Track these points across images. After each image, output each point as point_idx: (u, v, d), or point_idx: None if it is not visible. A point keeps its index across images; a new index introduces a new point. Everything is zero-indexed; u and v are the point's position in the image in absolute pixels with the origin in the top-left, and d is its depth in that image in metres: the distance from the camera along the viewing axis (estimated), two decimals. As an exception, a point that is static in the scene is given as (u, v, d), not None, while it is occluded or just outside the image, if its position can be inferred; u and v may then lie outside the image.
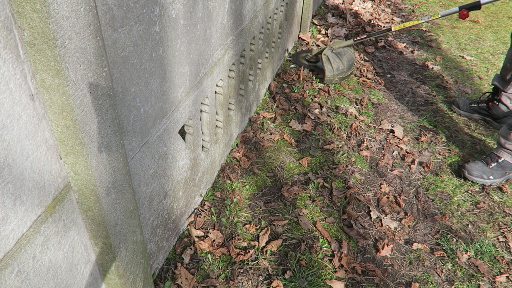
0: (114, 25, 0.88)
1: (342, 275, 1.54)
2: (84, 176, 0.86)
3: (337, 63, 2.60)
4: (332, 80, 2.64)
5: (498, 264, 1.63)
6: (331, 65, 2.59)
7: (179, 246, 1.57)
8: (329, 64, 2.60)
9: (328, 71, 2.60)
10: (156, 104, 1.17)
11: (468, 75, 2.97)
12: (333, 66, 2.59)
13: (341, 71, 2.62)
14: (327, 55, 2.61)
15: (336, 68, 2.59)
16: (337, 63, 2.60)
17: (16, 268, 0.78)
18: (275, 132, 2.26)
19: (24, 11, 0.64)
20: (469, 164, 2.00)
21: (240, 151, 2.06)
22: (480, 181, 1.96)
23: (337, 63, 2.60)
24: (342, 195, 1.88)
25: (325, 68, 2.59)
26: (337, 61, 2.60)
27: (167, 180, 1.37)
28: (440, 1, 4.38)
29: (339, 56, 2.63)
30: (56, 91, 0.73)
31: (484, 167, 1.98)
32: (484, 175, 1.96)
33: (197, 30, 1.33)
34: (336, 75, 2.61)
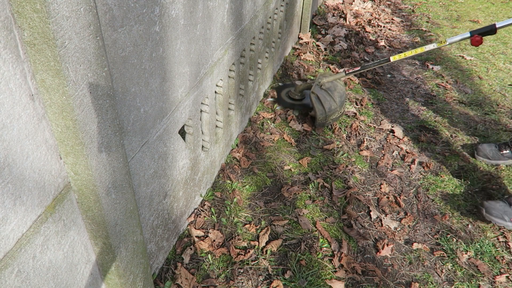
0: (114, 25, 0.88)
1: (342, 275, 1.54)
2: (84, 176, 0.86)
3: (329, 101, 2.22)
4: (324, 123, 2.27)
5: (498, 264, 1.63)
6: (322, 106, 2.21)
7: (179, 246, 1.57)
8: (320, 104, 2.21)
9: (320, 113, 2.21)
10: (156, 104, 1.17)
11: (468, 75, 2.97)
12: (325, 106, 2.20)
13: (333, 111, 2.25)
14: (316, 93, 2.23)
15: (328, 109, 2.20)
16: (329, 101, 2.22)
17: (16, 268, 0.78)
18: (275, 132, 2.26)
19: (24, 11, 0.64)
20: (489, 202, 1.77)
21: (240, 151, 2.06)
22: (499, 223, 1.74)
23: (329, 101, 2.22)
24: (342, 195, 1.88)
25: (316, 110, 2.20)
26: (328, 100, 2.23)
27: (167, 180, 1.37)
28: (440, 1, 4.38)
29: (329, 93, 2.25)
30: (56, 91, 0.73)
31: (506, 207, 1.75)
32: (505, 216, 1.73)
33: (197, 30, 1.33)
34: (328, 116, 2.23)
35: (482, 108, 2.61)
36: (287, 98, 2.49)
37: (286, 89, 2.60)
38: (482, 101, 2.67)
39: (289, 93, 2.52)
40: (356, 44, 3.32)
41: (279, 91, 2.58)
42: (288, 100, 2.49)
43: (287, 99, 2.49)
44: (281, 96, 2.52)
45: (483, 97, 2.71)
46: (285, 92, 2.56)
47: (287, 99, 2.49)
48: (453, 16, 4.02)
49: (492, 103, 2.65)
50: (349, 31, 3.47)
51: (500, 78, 2.94)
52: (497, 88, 2.81)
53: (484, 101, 2.67)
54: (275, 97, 2.54)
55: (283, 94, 2.54)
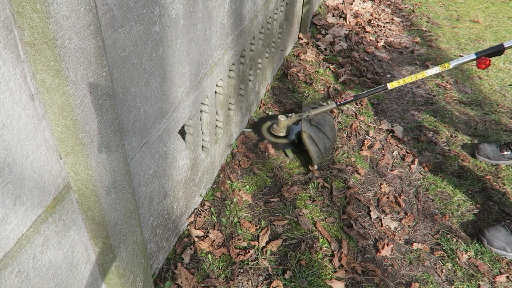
0: (114, 25, 0.88)
1: (342, 275, 1.54)
2: (84, 176, 0.86)
3: (322, 139, 1.97)
4: (322, 165, 1.98)
5: (498, 264, 1.63)
6: (317, 146, 1.93)
7: (179, 246, 1.57)
8: (314, 145, 1.93)
9: (316, 156, 1.91)
10: (156, 104, 1.17)
11: (468, 75, 2.97)
12: (319, 146, 1.93)
13: (329, 149, 2.00)
14: (308, 132, 1.95)
15: (323, 148, 1.95)
16: (322, 139, 1.97)
17: (16, 268, 0.78)
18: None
19: (24, 11, 0.64)
20: (490, 232, 1.67)
21: (240, 151, 2.06)
22: (502, 254, 1.64)
23: (322, 139, 1.97)
24: (342, 195, 1.88)
25: (312, 153, 1.90)
26: (321, 137, 1.98)
27: (167, 180, 1.37)
28: (440, 1, 4.38)
29: (320, 128, 2.02)
30: (56, 91, 0.73)
31: (508, 236, 1.65)
32: (508, 247, 1.63)
33: (197, 30, 1.33)
34: (325, 156, 1.96)
35: (482, 108, 2.61)
36: (270, 135, 2.17)
37: (268, 123, 2.25)
38: (482, 101, 2.67)
39: (272, 128, 2.18)
40: (356, 44, 3.32)
41: (259, 126, 2.23)
42: (271, 138, 2.15)
43: (270, 137, 2.16)
44: (262, 133, 2.18)
45: (483, 97, 2.71)
46: (267, 128, 2.21)
47: (270, 137, 2.16)
48: (453, 16, 4.02)
49: (492, 103, 2.65)
50: (349, 31, 3.47)
51: (500, 78, 2.94)
52: (497, 88, 2.81)
53: (484, 101, 2.67)
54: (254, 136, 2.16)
55: (264, 130, 2.20)
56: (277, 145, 2.12)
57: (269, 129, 2.20)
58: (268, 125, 2.24)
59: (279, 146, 2.11)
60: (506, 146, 2.08)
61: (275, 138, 2.16)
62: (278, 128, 2.15)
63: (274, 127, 2.17)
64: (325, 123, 2.09)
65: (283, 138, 2.17)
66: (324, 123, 2.09)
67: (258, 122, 2.27)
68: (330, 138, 2.03)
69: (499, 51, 1.62)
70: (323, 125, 2.06)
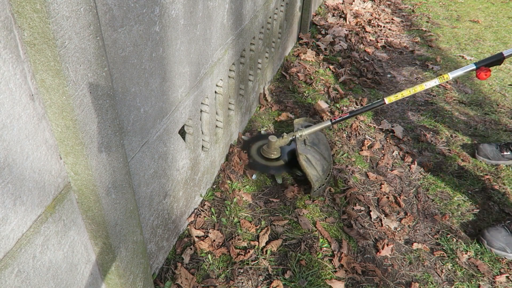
0: (114, 25, 0.88)
1: (342, 275, 1.54)
2: (84, 176, 0.86)
3: (320, 161, 1.83)
4: (322, 189, 1.84)
5: (498, 264, 1.63)
6: (315, 169, 1.78)
7: (179, 246, 1.57)
8: (313, 168, 1.78)
9: (316, 180, 1.76)
10: (156, 104, 1.17)
11: (468, 75, 2.97)
12: (317, 168, 1.79)
13: (326, 170, 1.85)
14: (304, 154, 1.80)
15: (322, 170, 1.80)
16: (320, 161, 1.83)
17: (16, 268, 0.78)
18: (275, 132, 2.26)
19: (24, 11, 0.64)
20: (490, 232, 1.67)
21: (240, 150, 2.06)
22: (502, 254, 1.64)
23: (320, 161, 1.83)
24: (342, 195, 1.88)
25: (311, 177, 1.75)
26: (319, 158, 1.83)
27: (167, 180, 1.37)
28: (440, 1, 4.38)
29: (316, 149, 1.88)
30: (56, 91, 0.73)
31: (508, 236, 1.65)
32: (507, 248, 1.63)
33: (197, 30, 1.33)
34: (324, 179, 1.81)
35: (482, 108, 2.61)
36: (260, 158, 1.98)
37: (257, 143, 2.07)
38: (482, 101, 2.67)
39: (262, 150, 1.99)
40: (356, 44, 3.32)
41: (248, 147, 2.05)
42: (262, 161, 1.96)
43: (260, 160, 1.97)
44: (252, 155, 1.99)
45: (483, 97, 2.71)
46: (256, 149, 2.03)
47: (260, 160, 1.97)
48: (453, 16, 4.02)
49: (492, 103, 2.65)
50: (349, 31, 3.47)
51: (500, 78, 2.94)
52: (497, 88, 2.81)
53: (484, 101, 2.67)
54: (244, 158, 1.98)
55: (253, 151, 2.02)
56: (268, 169, 1.93)
57: (260, 150, 2.01)
58: (258, 145, 2.05)
59: (270, 170, 1.93)
60: (506, 146, 2.09)
61: (266, 160, 1.96)
62: (269, 149, 1.95)
63: (265, 148, 1.97)
64: (319, 142, 1.94)
65: (274, 160, 1.96)
66: (319, 142, 1.94)
67: (248, 142, 2.09)
68: (327, 158, 1.90)
69: (498, 60, 1.57)
70: (318, 144, 1.92)
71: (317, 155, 1.84)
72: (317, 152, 1.86)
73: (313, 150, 1.86)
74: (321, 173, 1.78)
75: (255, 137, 2.14)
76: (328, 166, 1.86)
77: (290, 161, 1.97)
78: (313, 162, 1.79)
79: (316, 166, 1.79)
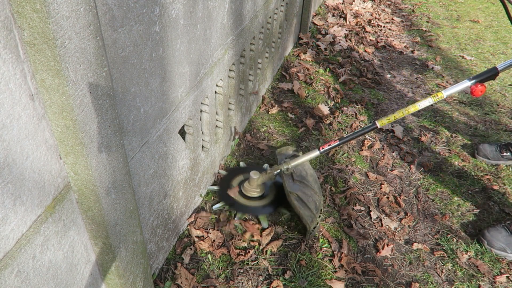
0: (114, 25, 0.88)
1: (342, 275, 1.54)
2: (84, 176, 0.86)
3: (311, 196, 1.66)
4: (316, 228, 1.62)
5: (498, 264, 1.63)
6: (308, 207, 1.60)
7: (179, 246, 1.57)
8: (306, 207, 1.60)
9: (310, 220, 1.57)
10: (156, 104, 1.17)
11: (468, 75, 2.97)
12: (310, 206, 1.61)
13: (318, 206, 1.65)
14: (294, 192, 1.62)
15: (315, 207, 1.63)
16: (311, 196, 1.66)
17: (16, 268, 0.77)
18: (275, 132, 2.26)
19: (24, 11, 0.64)
20: (490, 233, 1.67)
21: (240, 151, 2.06)
22: (502, 255, 1.64)
23: (311, 196, 1.66)
24: (342, 195, 1.88)
25: (305, 219, 1.57)
26: (309, 194, 1.66)
27: (167, 180, 1.37)
28: (440, 1, 4.38)
29: (305, 183, 1.70)
30: (56, 91, 0.73)
31: (508, 237, 1.65)
32: (508, 248, 1.63)
33: (197, 30, 1.33)
34: (317, 217, 1.61)
35: (482, 108, 2.61)
36: (241, 197, 1.75)
37: (238, 178, 1.83)
38: (482, 101, 2.67)
39: (243, 187, 1.75)
40: (356, 44, 3.32)
41: (227, 183, 1.80)
42: (242, 199, 1.73)
43: (241, 199, 1.74)
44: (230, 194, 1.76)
45: (483, 97, 2.71)
46: (239, 183, 1.80)
47: (241, 199, 1.74)
48: (453, 16, 4.02)
49: (492, 103, 2.65)
50: (349, 31, 3.47)
51: (500, 78, 2.94)
52: (497, 88, 2.81)
53: (484, 101, 2.67)
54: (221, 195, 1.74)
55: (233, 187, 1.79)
56: (249, 209, 1.70)
57: (241, 186, 1.77)
58: (239, 180, 1.81)
59: (251, 210, 1.70)
60: (506, 147, 2.09)
61: (247, 200, 1.72)
62: (251, 186, 1.72)
63: (246, 186, 1.73)
64: (307, 175, 1.76)
65: (257, 199, 1.73)
66: (306, 174, 1.76)
67: (227, 177, 1.84)
68: (317, 191, 1.71)
69: (493, 75, 1.51)
70: (306, 177, 1.74)
71: (308, 191, 1.67)
72: (307, 186, 1.69)
73: (303, 185, 1.68)
74: (314, 212, 1.61)
75: (234, 170, 1.90)
76: (319, 200, 1.68)
77: (276, 198, 1.75)
78: (305, 200, 1.62)
79: (309, 204, 1.61)
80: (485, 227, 1.74)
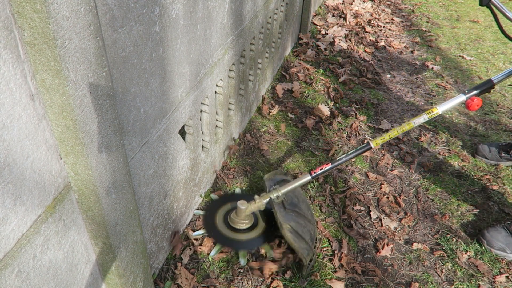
0: (114, 25, 0.88)
1: (342, 275, 1.54)
2: (84, 176, 0.86)
3: (305, 226, 1.54)
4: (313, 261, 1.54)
5: (498, 264, 1.63)
6: (303, 239, 1.49)
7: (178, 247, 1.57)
8: (301, 239, 1.48)
9: (306, 253, 1.46)
10: (156, 104, 1.17)
11: (468, 75, 2.97)
12: (305, 237, 1.50)
13: (313, 236, 1.57)
14: (287, 224, 1.49)
15: (310, 238, 1.52)
16: (305, 226, 1.54)
17: (16, 268, 0.78)
18: (275, 132, 2.26)
19: (24, 11, 0.64)
20: (489, 233, 1.67)
21: (240, 151, 2.06)
22: (502, 255, 1.64)
23: (305, 226, 1.54)
24: (342, 195, 1.88)
25: (301, 253, 1.45)
26: (303, 223, 1.54)
27: (167, 180, 1.37)
28: (440, 1, 4.38)
29: (298, 211, 1.57)
30: (56, 91, 0.73)
31: (508, 237, 1.65)
32: (507, 248, 1.63)
33: (197, 30, 1.33)
34: (313, 247, 1.53)
35: (482, 108, 2.61)
36: (226, 228, 1.59)
37: (225, 207, 1.68)
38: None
39: (229, 218, 1.60)
40: (356, 44, 3.32)
41: (213, 212, 1.66)
42: (229, 232, 1.57)
43: (226, 231, 1.58)
44: (216, 224, 1.60)
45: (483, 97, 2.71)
46: (223, 215, 1.64)
47: (226, 231, 1.58)
48: (453, 16, 4.02)
49: (492, 103, 2.65)
50: (349, 31, 3.47)
51: (500, 78, 2.94)
52: (497, 88, 2.82)
53: (484, 101, 2.67)
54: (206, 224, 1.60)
55: (218, 218, 1.62)
56: (236, 244, 1.54)
57: (227, 217, 1.62)
58: (226, 210, 1.66)
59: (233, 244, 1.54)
60: (505, 147, 2.09)
61: (235, 232, 1.57)
62: (238, 218, 1.57)
63: (233, 217, 1.58)
64: (299, 201, 1.62)
65: (245, 231, 1.58)
66: (298, 201, 1.62)
67: (214, 205, 1.70)
68: (311, 219, 1.60)
69: (488, 88, 1.45)
70: (298, 204, 1.60)
71: (301, 220, 1.54)
72: (300, 215, 1.56)
73: (296, 214, 1.55)
74: (310, 243, 1.50)
75: (227, 197, 1.75)
76: (314, 230, 1.57)
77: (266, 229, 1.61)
78: (300, 231, 1.49)
79: (304, 235, 1.49)
80: (485, 227, 1.74)
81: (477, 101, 1.42)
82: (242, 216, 1.56)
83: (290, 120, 2.36)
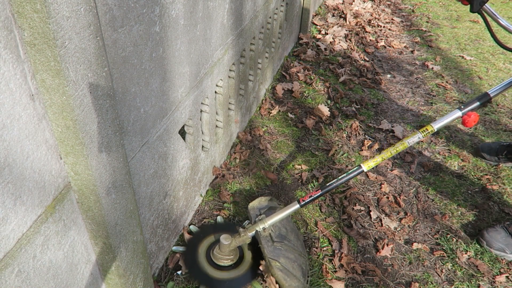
0: (114, 25, 0.88)
1: (342, 275, 1.54)
2: (84, 176, 0.86)
3: (296, 261, 1.43)
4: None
5: (498, 264, 1.63)
6: (295, 276, 1.38)
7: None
8: (292, 277, 1.38)
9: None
10: (156, 104, 1.17)
11: (468, 75, 2.97)
12: (297, 274, 1.39)
13: (305, 270, 1.45)
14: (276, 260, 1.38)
15: (302, 274, 1.42)
16: (296, 261, 1.43)
17: (16, 268, 0.78)
18: (275, 132, 2.26)
19: (25, 11, 0.64)
20: (489, 233, 1.67)
21: (240, 150, 2.06)
22: (501, 255, 1.64)
23: (296, 261, 1.43)
24: (342, 195, 1.89)
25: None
26: (294, 258, 1.43)
27: (167, 180, 1.37)
28: (440, 1, 4.38)
29: (287, 243, 1.46)
30: (56, 91, 0.73)
31: (507, 237, 1.65)
32: (507, 249, 1.63)
33: (197, 30, 1.33)
34: (305, 284, 1.42)
35: (482, 108, 2.61)
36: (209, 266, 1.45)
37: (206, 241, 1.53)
38: (482, 101, 2.67)
39: (212, 253, 1.46)
40: (356, 44, 3.32)
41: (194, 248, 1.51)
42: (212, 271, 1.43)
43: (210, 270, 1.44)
44: (198, 260, 1.46)
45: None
46: (206, 250, 1.50)
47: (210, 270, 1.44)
48: (453, 16, 4.02)
49: (492, 103, 2.65)
50: (349, 31, 3.47)
51: (500, 78, 2.94)
52: (497, 88, 2.81)
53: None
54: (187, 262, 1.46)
55: (201, 254, 1.48)
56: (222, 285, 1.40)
57: (209, 252, 1.48)
58: (209, 243, 1.52)
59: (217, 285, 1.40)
60: (505, 148, 2.09)
61: (219, 271, 1.44)
62: (222, 253, 1.43)
63: (216, 253, 1.44)
64: (287, 232, 1.50)
65: (231, 269, 1.45)
66: (287, 232, 1.50)
67: (195, 238, 1.55)
68: (302, 251, 1.48)
69: (485, 101, 1.38)
70: (287, 236, 1.47)
71: (291, 254, 1.42)
72: (290, 248, 1.43)
73: (285, 248, 1.42)
74: (302, 280, 1.38)
75: (208, 227, 1.60)
76: (306, 263, 1.46)
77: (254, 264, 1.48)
78: (291, 267, 1.38)
79: (294, 271, 1.37)
80: (485, 227, 1.74)
81: (474, 117, 1.34)
82: (226, 252, 1.42)
83: (290, 120, 2.36)
